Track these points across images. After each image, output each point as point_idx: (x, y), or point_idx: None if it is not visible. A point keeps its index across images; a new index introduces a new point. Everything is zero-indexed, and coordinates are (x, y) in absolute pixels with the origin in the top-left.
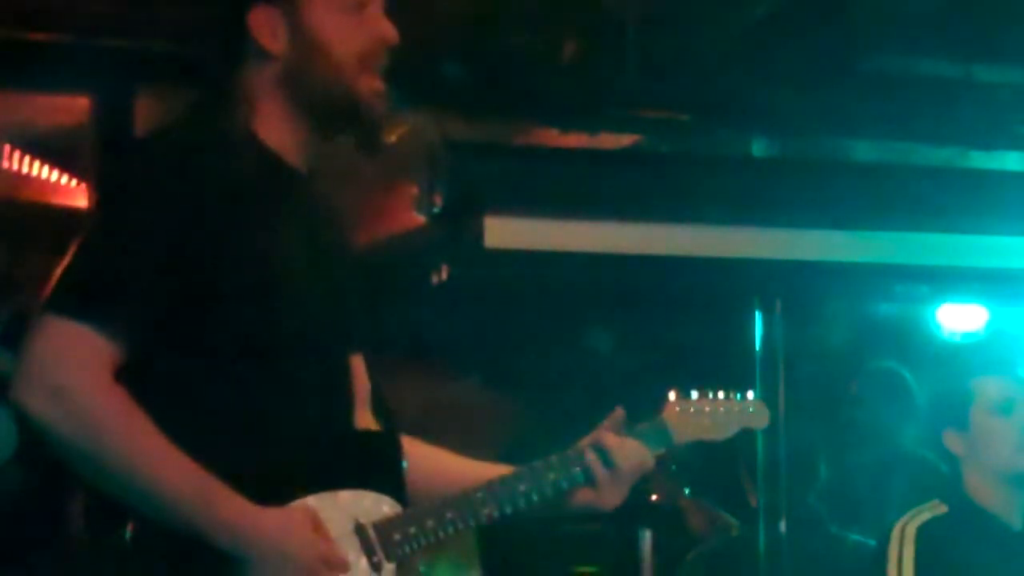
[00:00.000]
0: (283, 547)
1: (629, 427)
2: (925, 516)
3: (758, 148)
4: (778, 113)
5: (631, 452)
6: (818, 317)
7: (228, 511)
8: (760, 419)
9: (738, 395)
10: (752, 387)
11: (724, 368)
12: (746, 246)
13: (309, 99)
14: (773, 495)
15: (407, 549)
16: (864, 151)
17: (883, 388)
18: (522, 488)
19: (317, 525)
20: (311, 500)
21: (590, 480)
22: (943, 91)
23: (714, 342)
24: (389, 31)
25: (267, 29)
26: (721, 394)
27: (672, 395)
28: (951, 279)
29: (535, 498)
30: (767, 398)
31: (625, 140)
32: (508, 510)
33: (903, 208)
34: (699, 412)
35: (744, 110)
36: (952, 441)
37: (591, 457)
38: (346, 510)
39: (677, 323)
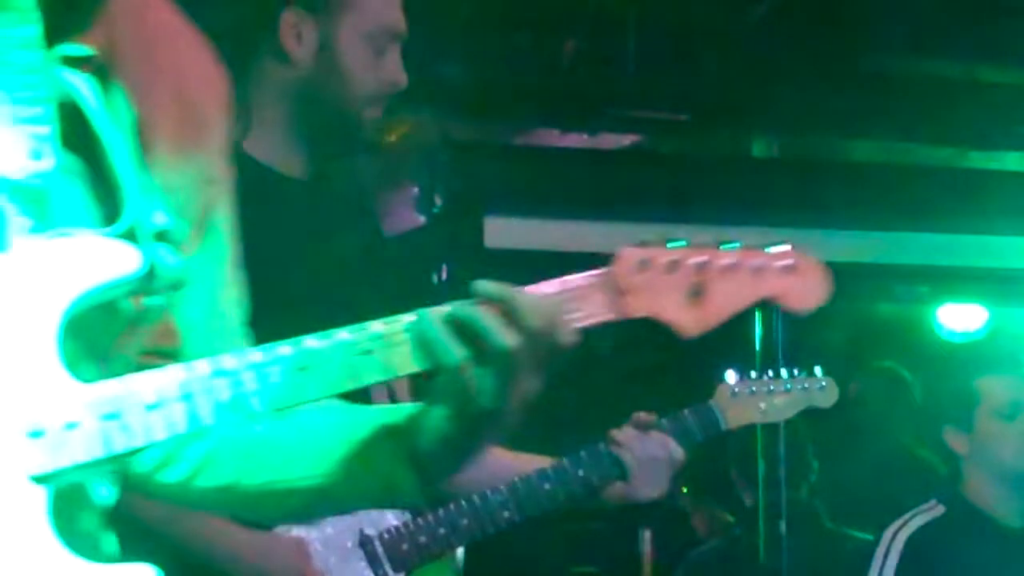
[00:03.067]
0: (263, 569)
1: (670, 418)
2: (919, 521)
3: (758, 148)
4: (778, 113)
5: (656, 446)
6: (818, 317)
7: (209, 526)
8: (828, 397)
9: (803, 372)
10: None
11: (723, 368)
12: None
13: (314, 114)
14: (772, 494)
15: (416, 560)
16: (864, 151)
17: (883, 388)
18: (548, 488)
19: (301, 551)
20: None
21: (620, 476)
22: (943, 91)
23: (713, 342)
24: (402, 78)
25: (295, 33)
26: (784, 372)
27: (729, 376)
28: (951, 279)
29: (561, 498)
30: None
31: (625, 140)
32: (532, 511)
33: (903, 208)
34: (755, 394)
35: (744, 110)
36: (954, 439)
37: (615, 450)
38: (349, 524)
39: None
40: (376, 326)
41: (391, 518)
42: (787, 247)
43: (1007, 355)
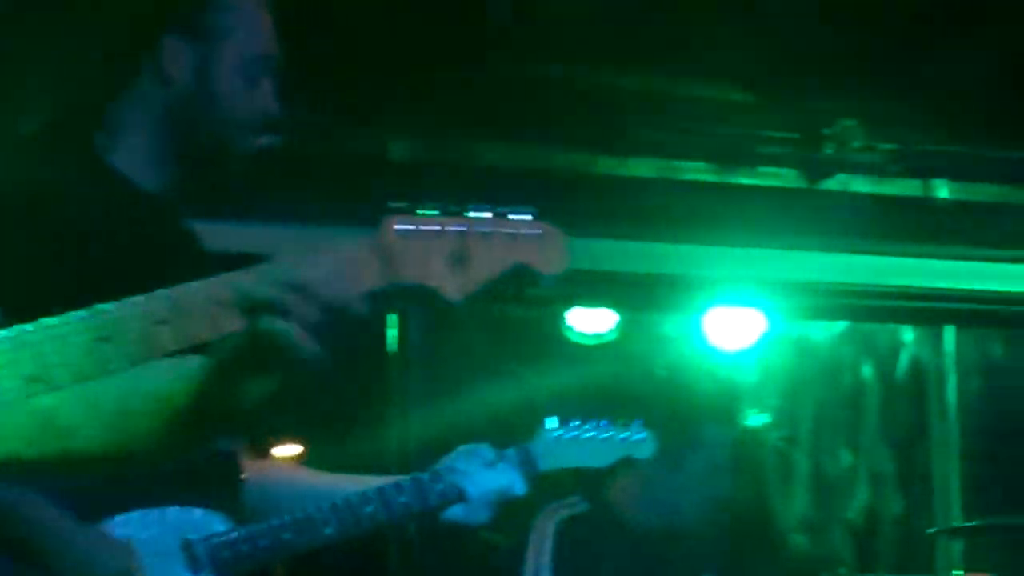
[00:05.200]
0: (90, 570)
1: (496, 452)
2: (565, 512)
3: (395, 150)
4: (414, 116)
5: (497, 475)
6: (454, 319)
7: (38, 522)
8: (645, 448)
9: (622, 422)
10: (387, 389)
11: (359, 371)
12: None
13: (185, 136)
14: None
15: (238, 568)
16: (497, 155)
17: (504, 390)
18: (369, 510)
19: (130, 551)
20: (135, 517)
21: (448, 502)
22: (575, 96)
23: (347, 344)
24: (275, 107)
25: (174, 57)
26: (605, 422)
27: (551, 422)
28: (581, 282)
29: (383, 520)
30: (401, 399)
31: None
32: (352, 532)
33: (537, 212)
34: (574, 440)
35: (381, 111)
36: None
37: (447, 482)
38: (173, 527)
39: None
40: None
41: (216, 525)
42: (528, 216)
43: (637, 358)
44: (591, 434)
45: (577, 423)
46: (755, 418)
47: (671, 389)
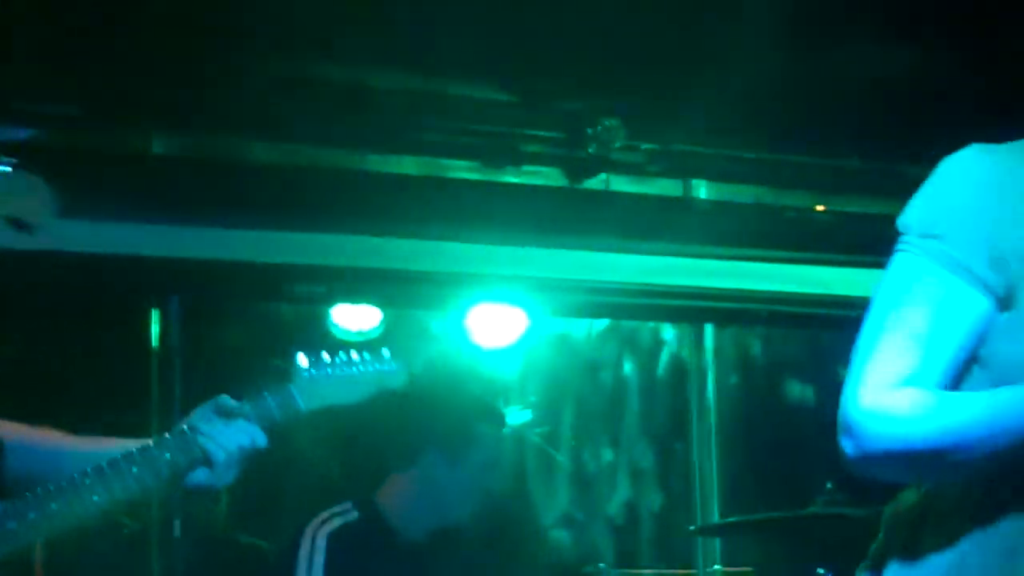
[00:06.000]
0: None
1: (248, 402)
2: (336, 522)
3: (157, 145)
4: (177, 111)
5: (242, 434)
6: (217, 315)
7: None
8: (397, 378)
9: (369, 355)
10: (148, 386)
11: (120, 367)
12: (142, 243)
13: None
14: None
15: (6, 545)
16: (264, 152)
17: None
18: (135, 471)
19: None
20: None
21: (207, 460)
22: (341, 94)
23: (108, 340)
24: None
25: None
26: (355, 355)
27: (301, 360)
28: (346, 279)
29: (150, 481)
30: (164, 398)
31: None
32: (121, 496)
33: (301, 209)
34: (329, 377)
35: (144, 107)
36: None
37: (200, 438)
38: None
39: (68, 322)
40: None
41: None
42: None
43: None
44: (344, 370)
45: (327, 360)
46: (517, 415)
47: (438, 388)
